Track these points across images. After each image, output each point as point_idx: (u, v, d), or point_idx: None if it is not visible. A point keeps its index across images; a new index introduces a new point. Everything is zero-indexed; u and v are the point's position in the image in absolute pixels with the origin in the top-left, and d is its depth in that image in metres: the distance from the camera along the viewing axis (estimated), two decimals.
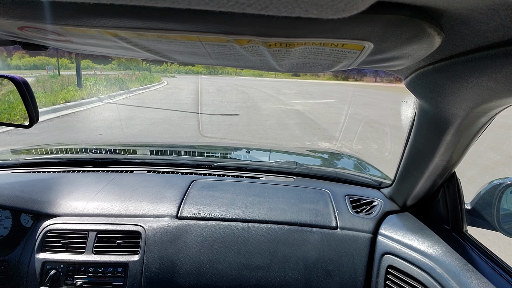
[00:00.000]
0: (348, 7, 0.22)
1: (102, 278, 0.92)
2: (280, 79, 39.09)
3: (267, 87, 19.51)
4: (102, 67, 29.67)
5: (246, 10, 0.24)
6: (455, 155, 0.76)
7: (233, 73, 41.83)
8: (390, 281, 0.90)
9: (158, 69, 38.48)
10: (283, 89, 19.00)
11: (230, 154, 1.78)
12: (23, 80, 0.91)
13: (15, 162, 1.32)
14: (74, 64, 14.24)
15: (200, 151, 1.75)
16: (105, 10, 0.35)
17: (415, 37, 0.38)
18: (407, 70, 0.60)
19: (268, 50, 0.44)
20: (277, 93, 15.40)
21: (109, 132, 5.57)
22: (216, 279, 0.92)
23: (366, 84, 34.90)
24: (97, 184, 1.14)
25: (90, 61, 33.01)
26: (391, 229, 0.97)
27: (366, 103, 12.53)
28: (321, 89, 20.04)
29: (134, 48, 0.52)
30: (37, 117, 0.94)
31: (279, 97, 13.32)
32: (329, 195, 1.14)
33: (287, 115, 8.27)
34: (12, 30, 0.52)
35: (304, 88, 20.87)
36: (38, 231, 0.97)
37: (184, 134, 5.54)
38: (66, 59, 31.80)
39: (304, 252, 0.95)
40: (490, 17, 0.34)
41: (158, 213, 1.01)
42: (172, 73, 35.86)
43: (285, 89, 19.15)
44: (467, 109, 0.57)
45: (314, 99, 13.44)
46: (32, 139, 4.94)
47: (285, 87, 21.34)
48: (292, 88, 19.87)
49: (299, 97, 13.88)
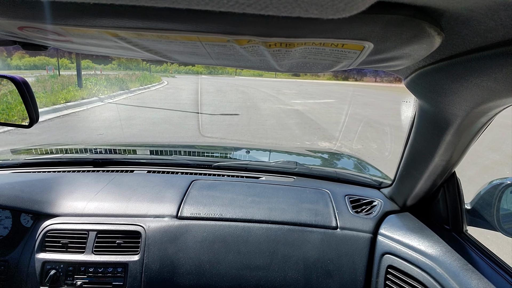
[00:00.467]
0: (348, 7, 0.22)
1: (102, 278, 0.92)
2: (280, 79, 39.03)
3: (267, 87, 19.47)
4: (102, 67, 29.66)
5: (246, 10, 0.24)
6: (455, 155, 0.76)
7: (233, 73, 41.81)
8: (390, 281, 0.90)
9: (158, 69, 38.46)
10: (283, 89, 18.95)
11: (230, 154, 1.78)
12: (23, 80, 0.91)
13: (15, 162, 1.32)
14: (74, 64, 14.21)
15: (200, 151, 1.75)
16: (105, 10, 0.35)
17: (415, 37, 0.38)
18: (407, 70, 0.60)
19: (268, 50, 0.44)
20: (277, 93, 15.36)
21: (109, 132, 5.58)
22: (216, 279, 0.92)
23: (366, 84, 34.77)
24: (97, 184, 1.14)
25: (90, 61, 33.00)
26: (391, 229, 0.97)
27: (366, 103, 12.49)
28: (321, 89, 20.00)
29: (134, 48, 0.52)
30: (37, 117, 0.94)
31: (279, 97, 13.29)
32: (329, 195, 1.14)
33: (287, 115, 8.26)
34: (12, 30, 0.52)
35: (304, 88, 20.83)
36: (38, 231, 0.97)
37: (184, 134, 5.55)
38: (66, 59, 31.81)
39: (304, 252, 0.95)
40: (490, 17, 0.34)
41: (158, 213, 1.01)
42: (172, 73, 35.87)
43: (285, 89, 19.10)
44: (467, 109, 0.57)
45: (314, 99, 13.41)
46: (33, 138, 4.94)
47: (285, 87, 21.28)
48: (292, 88, 19.82)
49: (299, 97, 13.84)
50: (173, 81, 22.39)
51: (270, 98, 12.81)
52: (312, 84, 26.73)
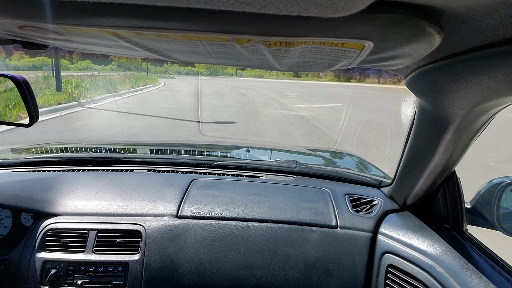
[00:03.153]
0: (348, 6, 0.22)
1: (103, 278, 0.92)
2: (282, 80, 38.62)
3: (268, 89, 19.02)
4: (101, 67, 29.52)
5: (246, 9, 0.24)
6: (455, 154, 0.76)
7: (233, 74, 41.57)
8: (390, 280, 0.90)
9: (158, 69, 38.33)
10: (285, 91, 18.57)
11: (230, 153, 1.78)
12: (23, 79, 0.91)
13: (15, 161, 1.32)
14: (74, 65, 13.82)
15: (200, 150, 1.75)
16: (105, 9, 0.35)
17: (415, 36, 0.38)
18: (407, 69, 0.60)
19: (268, 49, 0.44)
20: (279, 96, 14.89)
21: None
22: (216, 278, 0.92)
23: (370, 85, 32.65)
24: (97, 183, 1.14)
25: (90, 61, 32.92)
26: (391, 228, 0.97)
27: (377, 107, 11.52)
28: (325, 91, 19.41)
29: (134, 47, 0.52)
30: (37, 116, 0.95)
31: (281, 101, 12.67)
32: (329, 194, 1.14)
33: (291, 123, 7.28)
34: (12, 29, 0.52)
35: (307, 90, 20.26)
36: (38, 230, 0.97)
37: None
38: (66, 59, 31.72)
39: (304, 251, 0.95)
40: (490, 16, 0.34)
41: (158, 212, 1.01)
42: (171, 74, 35.68)
43: (287, 91, 18.61)
44: (467, 108, 0.57)
45: (319, 102, 12.66)
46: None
47: (287, 88, 20.76)
48: (295, 90, 19.34)
49: (303, 101, 13.16)
50: (171, 82, 21.95)
51: (272, 101, 12.19)
52: (315, 86, 26.15)
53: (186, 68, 41.84)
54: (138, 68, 32.05)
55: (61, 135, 5.42)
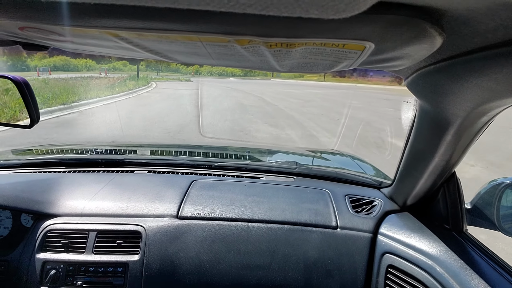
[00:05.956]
0: (349, 7, 0.22)
1: (103, 278, 0.92)
2: (328, 82, 28.23)
3: (315, 99, 11.69)
4: (107, 67, 28.82)
5: (246, 10, 0.24)
6: (455, 155, 0.76)
7: (269, 75, 34.99)
8: (390, 280, 0.90)
9: (189, 70, 35.64)
10: (336, 104, 10.87)
11: (230, 154, 1.78)
12: (24, 80, 0.91)
13: (16, 162, 1.32)
14: (73, 66, 13.45)
15: (200, 151, 1.76)
16: (106, 10, 0.35)
17: (416, 38, 0.38)
18: (408, 71, 0.60)
19: (269, 50, 0.44)
20: (334, 115, 8.08)
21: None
22: (216, 278, 0.92)
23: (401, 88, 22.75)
24: (97, 184, 1.14)
25: (95, 62, 32.59)
26: (391, 229, 0.97)
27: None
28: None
29: (135, 48, 0.53)
30: (38, 117, 0.95)
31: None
32: (329, 195, 1.14)
33: None
34: (13, 30, 0.52)
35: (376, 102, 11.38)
36: (39, 231, 0.97)
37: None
38: (67, 59, 31.54)
39: (304, 252, 0.95)
40: (490, 18, 0.34)
41: (158, 213, 1.01)
42: (194, 76, 30.89)
43: (343, 102, 11.02)
44: (467, 109, 0.57)
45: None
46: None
47: (343, 95, 12.93)
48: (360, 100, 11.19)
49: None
50: (169, 85, 17.94)
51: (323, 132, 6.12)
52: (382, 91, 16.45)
53: (219, 69, 38.10)
54: (168, 69, 31.25)
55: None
